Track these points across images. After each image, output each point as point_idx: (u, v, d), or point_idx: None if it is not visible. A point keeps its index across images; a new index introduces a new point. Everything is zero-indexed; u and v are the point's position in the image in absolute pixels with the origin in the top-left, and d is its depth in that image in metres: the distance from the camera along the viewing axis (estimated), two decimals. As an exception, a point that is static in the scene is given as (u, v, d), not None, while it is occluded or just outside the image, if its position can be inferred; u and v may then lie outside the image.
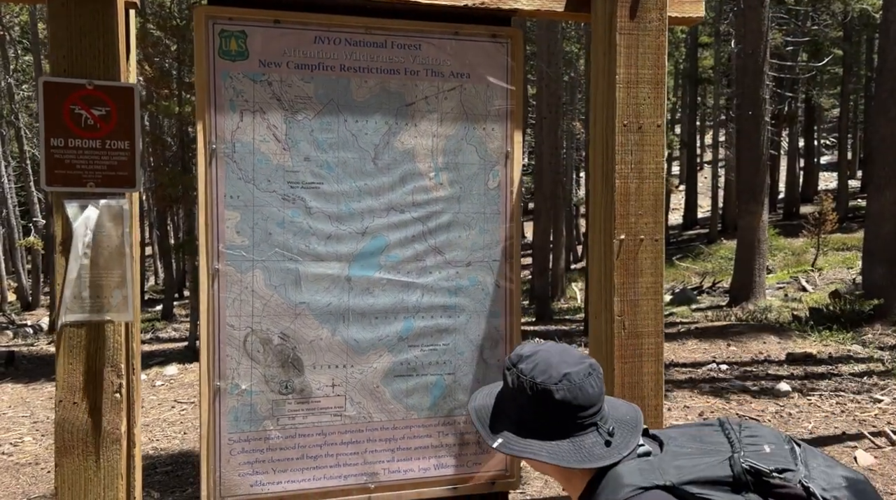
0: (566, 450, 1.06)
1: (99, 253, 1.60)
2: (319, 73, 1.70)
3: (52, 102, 1.56)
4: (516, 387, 1.09)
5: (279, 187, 1.69)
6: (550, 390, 1.05)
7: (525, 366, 1.09)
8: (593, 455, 1.06)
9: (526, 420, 1.08)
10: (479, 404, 1.17)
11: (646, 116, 1.70)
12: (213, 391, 1.66)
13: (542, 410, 1.07)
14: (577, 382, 1.06)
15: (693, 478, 1.01)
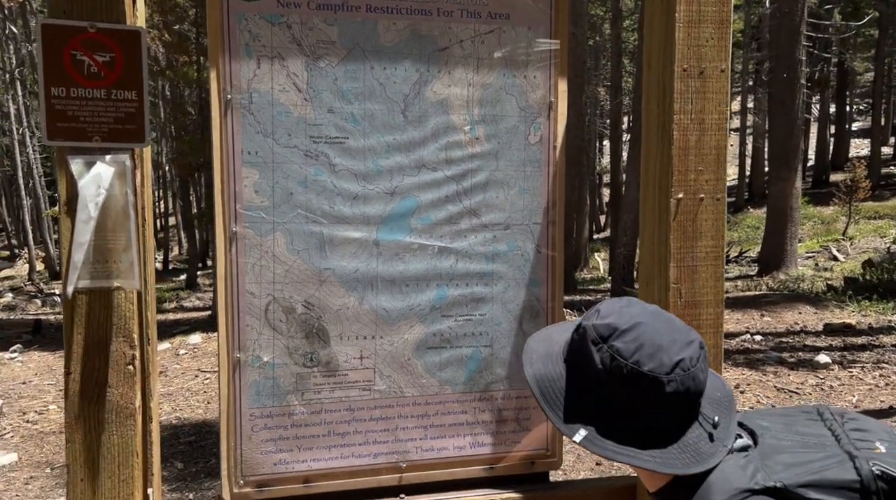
0: (666, 458, 0.87)
1: (106, 214, 1.47)
2: (343, 15, 1.53)
3: (51, 47, 1.41)
4: (609, 370, 0.87)
5: (301, 142, 1.54)
6: (661, 382, 0.85)
7: (623, 345, 0.87)
8: (700, 454, 0.87)
9: (615, 413, 0.88)
10: (541, 373, 0.94)
11: (709, 59, 1.51)
12: (232, 364, 1.54)
13: (644, 404, 0.87)
14: (691, 370, 0.86)
15: (809, 480, 0.84)
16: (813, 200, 20.07)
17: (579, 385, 0.92)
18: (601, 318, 0.91)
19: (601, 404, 0.90)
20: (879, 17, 20.50)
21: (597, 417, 0.89)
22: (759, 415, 0.98)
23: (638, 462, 0.87)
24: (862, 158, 22.21)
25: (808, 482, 0.84)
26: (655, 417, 0.88)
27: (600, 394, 0.89)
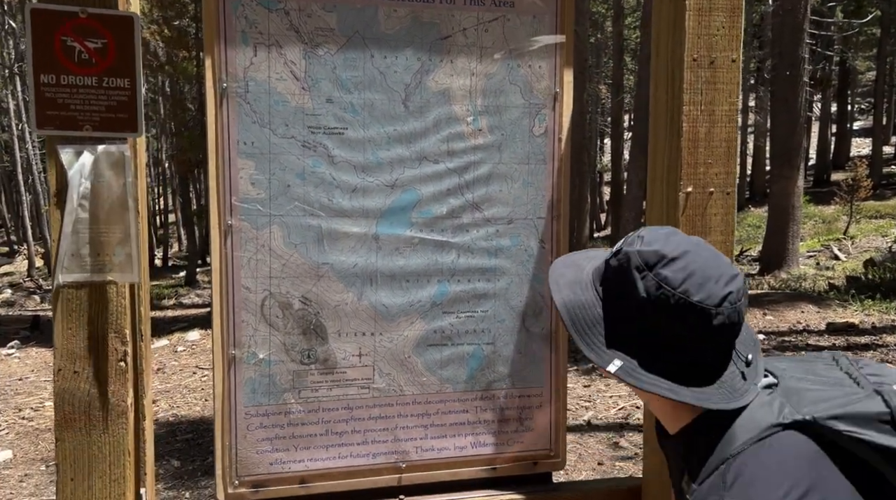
0: (707, 395, 0.84)
1: (99, 206, 1.42)
2: (343, 1, 1.49)
3: (40, 33, 1.37)
4: (654, 299, 0.82)
5: (298, 133, 1.49)
6: (710, 313, 0.81)
7: (671, 273, 0.82)
8: (735, 391, 0.84)
9: (657, 344, 0.84)
10: (572, 300, 0.89)
11: (719, 48, 1.47)
12: (227, 361, 1.50)
13: (690, 335, 0.82)
14: (737, 304, 0.82)
15: (837, 413, 0.81)
16: (814, 199, 20.02)
17: (617, 314, 0.86)
18: (646, 244, 0.85)
19: (640, 334, 0.84)
20: (881, 15, 20.44)
21: (634, 348, 0.84)
22: (776, 360, 0.95)
23: (675, 396, 0.83)
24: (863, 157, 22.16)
25: (837, 415, 0.81)
26: (698, 351, 0.83)
27: (641, 324, 0.84)
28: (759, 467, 0.80)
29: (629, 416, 4.12)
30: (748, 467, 0.80)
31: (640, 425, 3.95)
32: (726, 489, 0.79)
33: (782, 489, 0.77)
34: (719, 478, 0.81)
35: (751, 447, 0.82)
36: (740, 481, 0.79)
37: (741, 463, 0.81)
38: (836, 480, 0.79)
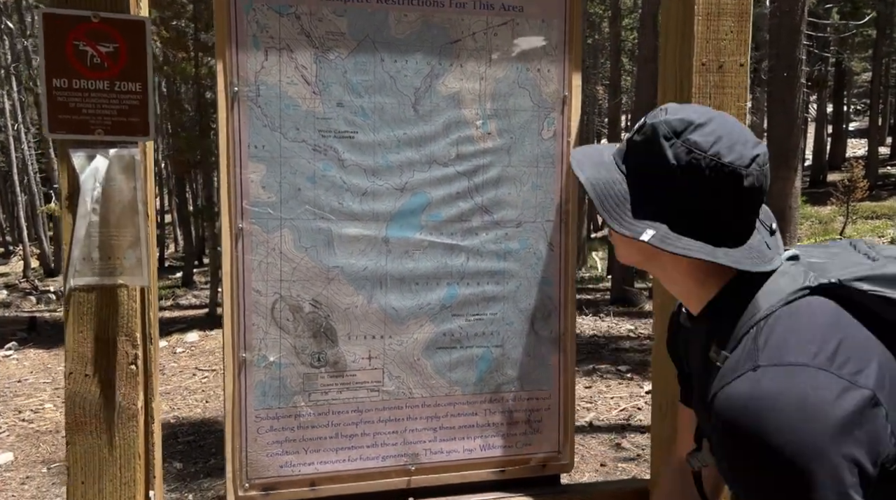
0: (737, 256, 0.85)
1: (110, 209, 1.43)
2: (353, 5, 1.49)
3: (53, 37, 1.37)
4: (685, 165, 0.83)
5: (309, 137, 1.50)
6: (741, 174, 0.82)
7: (701, 138, 0.83)
8: (763, 256, 0.86)
9: (687, 210, 0.84)
10: (596, 177, 0.89)
11: (728, 53, 1.48)
12: (238, 364, 1.50)
13: (721, 199, 0.84)
14: (764, 167, 0.84)
15: (864, 275, 0.83)
16: (810, 199, 20.09)
17: (646, 185, 0.87)
18: (671, 114, 0.87)
19: (670, 203, 0.85)
20: (878, 17, 20.53)
21: (663, 217, 0.85)
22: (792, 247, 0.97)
23: (709, 257, 0.84)
24: (859, 158, 22.25)
25: (863, 277, 0.82)
26: (728, 214, 0.85)
27: (671, 193, 0.85)
28: (790, 327, 0.81)
29: (630, 417, 4.13)
30: (779, 328, 0.81)
31: (642, 426, 3.97)
32: (760, 351, 0.80)
33: (814, 347, 0.78)
34: (751, 341, 0.82)
35: (780, 309, 0.83)
36: (772, 341, 0.80)
37: (772, 325, 0.82)
38: (865, 338, 0.80)
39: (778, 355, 0.79)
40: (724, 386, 0.80)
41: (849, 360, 0.77)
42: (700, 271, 0.90)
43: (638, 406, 4.30)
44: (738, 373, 0.80)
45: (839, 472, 0.72)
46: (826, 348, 0.77)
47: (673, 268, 0.93)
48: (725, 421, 0.78)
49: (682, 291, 0.95)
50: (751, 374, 0.78)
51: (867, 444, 0.74)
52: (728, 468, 0.81)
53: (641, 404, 4.38)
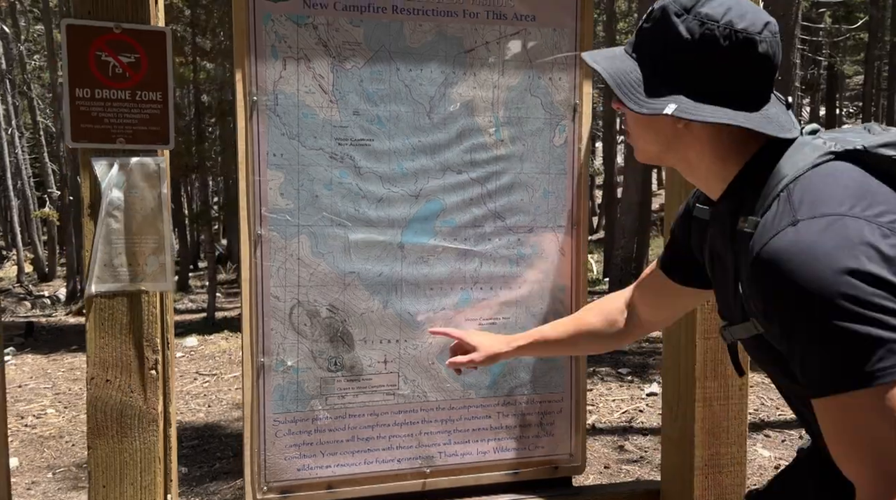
0: (760, 121, 0.86)
1: (131, 217, 1.45)
2: (369, 16, 1.52)
3: (76, 47, 1.39)
4: (699, 37, 0.85)
5: (326, 145, 1.52)
6: (755, 40, 0.84)
7: (711, 10, 0.85)
8: (783, 125, 0.86)
9: (706, 81, 0.86)
10: (612, 67, 0.91)
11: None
12: (256, 368, 1.52)
13: (738, 66, 0.85)
14: (776, 34, 0.86)
15: (886, 141, 0.84)
16: (804, 202, 20.17)
17: (660, 66, 0.88)
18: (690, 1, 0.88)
19: (687, 77, 0.86)
20: (870, 20, 20.70)
21: (682, 91, 0.86)
22: None
23: (735, 121, 0.85)
24: (852, 160, 22.33)
25: (887, 142, 0.84)
26: (747, 81, 0.86)
27: (687, 67, 0.86)
28: (822, 186, 0.81)
29: (632, 419, 4.16)
30: (812, 187, 0.82)
31: (644, 428, 4.00)
32: (795, 208, 0.80)
33: (849, 201, 0.78)
34: (784, 203, 0.82)
35: (808, 171, 0.83)
36: (807, 198, 0.81)
37: (804, 185, 0.82)
38: (894, 197, 0.81)
39: (815, 208, 0.79)
40: (765, 244, 0.80)
41: (884, 212, 0.78)
42: (722, 148, 0.91)
43: (639, 409, 4.34)
44: (777, 230, 0.80)
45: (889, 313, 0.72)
46: (861, 203, 0.78)
47: (694, 151, 0.93)
48: (773, 276, 0.78)
49: (704, 175, 0.95)
50: (791, 228, 0.78)
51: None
52: (780, 326, 0.79)
53: (643, 406, 4.41)
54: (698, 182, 0.98)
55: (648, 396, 4.61)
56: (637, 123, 0.96)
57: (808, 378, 0.78)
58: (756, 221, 0.84)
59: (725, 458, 1.60)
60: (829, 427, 0.78)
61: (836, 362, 0.75)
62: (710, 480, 1.60)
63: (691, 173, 0.97)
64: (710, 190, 0.96)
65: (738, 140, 0.90)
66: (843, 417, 0.76)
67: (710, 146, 0.91)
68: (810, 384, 0.78)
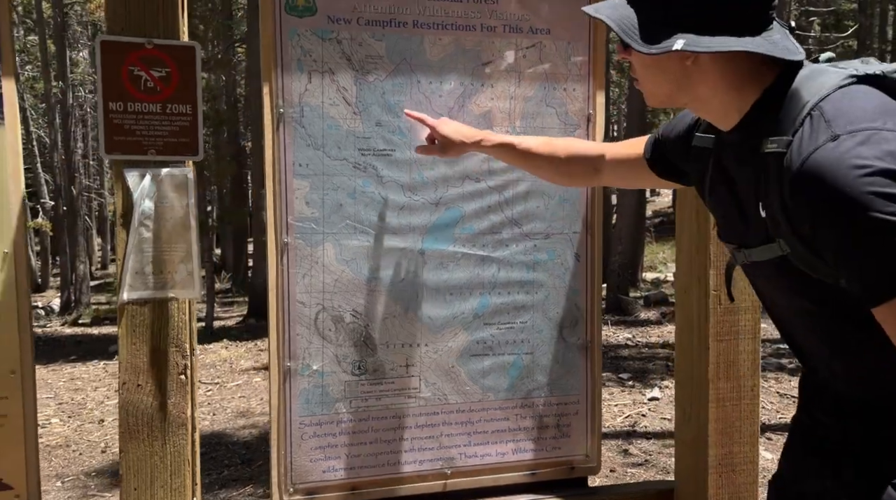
0: (766, 45, 0.88)
1: (161, 226, 1.49)
2: (391, 31, 1.57)
3: (109, 63, 1.44)
4: None
5: (350, 155, 1.57)
6: None
7: None
8: (790, 49, 0.89)
9: (709, 14, 0.88)
10: (615, 14, 0.94)
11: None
12: (283, 372, 1.56)
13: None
14: None
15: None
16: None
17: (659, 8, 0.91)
18: None
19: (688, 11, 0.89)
20: (859, 28, 20.94)
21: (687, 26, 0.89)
22: None
23: (743, 47, 0.87)
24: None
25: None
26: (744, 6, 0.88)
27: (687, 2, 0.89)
28: (852, 104, 0.83)
29: (635, 424, 4.21)
30: (844, 105, 0.83)
31: (647, 432, 4.04)
32: (831, 125, 0.81)
33: (882, 118, 0.81)
34: (819, 120, 0.83)
35: (835, 92, 0.85)
36: (842, 115, 0.82)
37: (834, 103, 0.84)
38: None
39: (852, 124, 0.80)
40: (806, 159, 0.81)
41: None
42: (736, 78, 0.92)
43: (642, 413, 4.39)
44: (816, 145, 0.81)
45: None
46: (892, 119, 0.80)
47: (705, 86, 0.94)
48: (820, 188, 0.79)
49: (718, 108, 0.96)
50: (831, 143, 0.80)
51: None
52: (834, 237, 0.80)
53: (645, 410, 4.46)
54: (711, 116, 0.99)
55: (650, 400, 4.66)
56: (646, 67, 0.98)
57: (867, 285, 0.79)
58: (787, 139, 0.85)
59: (739, 457, 1.65)
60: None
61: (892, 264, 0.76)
62: (724, 479, 1.65)
63: (704, 109, 0.99)
64: (724, 122, 0.97)
65: (749, 68, 0.91)
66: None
67: (721, 78, 0.93)
68: (870, 291, 0.79)
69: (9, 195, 1.51)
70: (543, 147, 1.39)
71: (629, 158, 1.30)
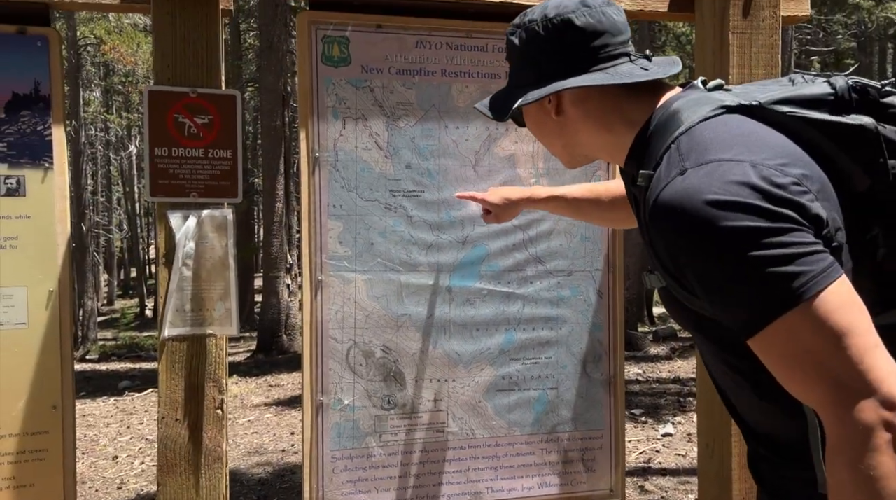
0: (597, 77, 0.92)
1: (201, 265, 1.55)
2: (421, 79, 1.65)
3: (156, 111, 1.52)
4: (526, 39, 0.96)
5: (381, 196, 1.64)
6: (569, 18, 0.93)
7: (532, 15, 0.97)
8: (632, 75, 0.92)
9: (545, 69, 0.95)
10: (485, 100, 1.06)
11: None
12: (315, 407, 1.61)
13: (563, 44, 0.94)
14: (597, 6, 0.94)
15: (783, 97, 0.85)
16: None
17: (514, 73, 1.01)
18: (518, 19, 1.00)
19: (531, 74, 0.97)
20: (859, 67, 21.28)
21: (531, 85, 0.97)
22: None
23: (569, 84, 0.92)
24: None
25: (782, 99, 0.85)
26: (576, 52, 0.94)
27: (528, 67, 0.98)
28: (711, 135, 0.81)
29: (650, 460, 4.19)
30: (699, 137, 0.82)
31: (663, 469, 4.02)
32: (684, 158, 0.81)
33: (738, 148, 0.78)
34: (674, 154, 0.83)
35: (697, 124, 0.84)
36: (696, 147, 0.81)
37: (692, 136, 0.83)
38: (785, 143, 0.82)
39: (701, 156, 0.79)
40: (657, 196, 0.81)
41: (772, 156, 0.78)
42: (602, 118, 0.96)
43: (656, 449, 4.37)
44: (667, 181, 0.80)
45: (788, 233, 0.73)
46: (747, 149, 0.78)
47: (583, 134, 0.99)
48: (668, 226, 0.79)
49: (606, 148, 1.00)
50: (679, 178, 0.79)
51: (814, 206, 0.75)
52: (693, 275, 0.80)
53: (659, 447, 4.44)
54: (608, 158, 1.04)
55: (664, 436, 4.64)
56: (537, 133, 1.07)
57: (736, 320, 0.78)
58: (649, 174, 0.86)
59: (762, 490, 1.67)
60: (774, 360, 0.77)
61: (755, 294, 0.75)
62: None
63: (599, 153, 1.04)
64: (619, 160, 0.99)
65: (612, 107, 0.95)
66: (783, 343, 0.75)
67: (590, 121, 0.97)
68: (740, 326, 0.78)
69: (56, 236, 1.58)
70: (588, 194, 1.43)
71: None
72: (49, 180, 1.57)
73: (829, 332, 0.73)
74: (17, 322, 1.55)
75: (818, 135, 0.84)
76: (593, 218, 1.49)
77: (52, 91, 1.57)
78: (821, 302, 0.73)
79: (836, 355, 0.73)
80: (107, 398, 6.80)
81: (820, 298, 0.73)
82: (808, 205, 0.75)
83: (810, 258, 0.73)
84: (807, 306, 0.73)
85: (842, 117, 0.84)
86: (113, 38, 15.48)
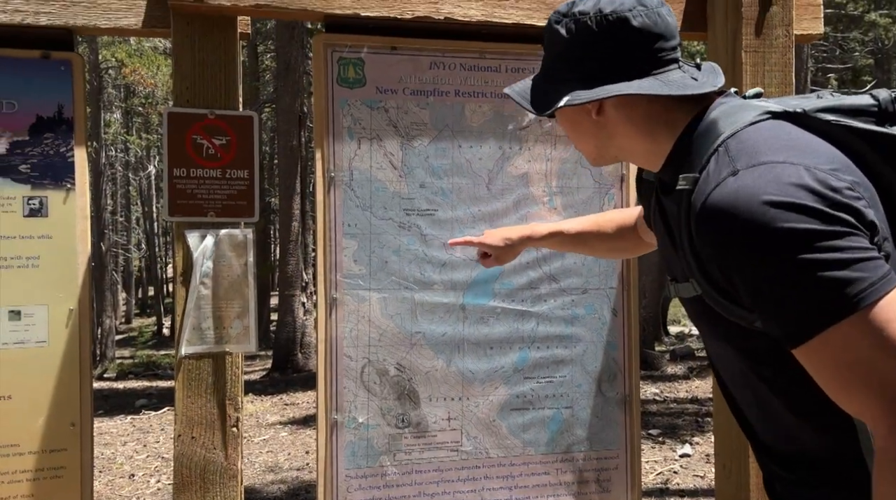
0: (651, 85, 0.89)
1: (219, 283, 1.57)
2: (435, 100, 1.67)
3: (175, 132, 1.55)
4: (575, 31, 0.91)
5: (395, 215, 1.65)
6: (626, 17, 0.89)
7: (583, 7, 0.91)
8: (686, 86, 0.89)
9: (592, 67, 0.91)
10: (518, 88, 1.00)
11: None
12: (330, 425, 1.61)
13: (616, 44, 0.90)
14: (654, 6, 0.90)
15: (827, 106, 0.85)
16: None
17: (554, 73, 0.95)
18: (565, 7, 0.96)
19: (577, 71, 0.92)
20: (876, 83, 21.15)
21: (577, 83, 0.92)
22: None
23: (619, 92, 0.88)
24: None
25: (826, 107, 0.85)
26: (628, 54, 0.90)
27: (575, 62, 0.92)
28: (760, 139, 0.81)
29: (668, 481, 4.14)
30: (749, 140, 0.81)
31: (680, 489, 3.97)
32: (734, 160, 0.80)
33: (787, 151, 0.78)
34: (723, 156, 0.82)
35: (745, 128, 0.83)
36: (745, 150, 0.80)
37: (741, 139, 0.82)
38: (833, 151, 0.81)
39: (753, 158, 0.78)
40: (707, 196, 0.79)
41: (823, 162, 0.77)
42: (644, 123, 0.93)
43: (674, 470, 4.31)
44: (717, 181, 0.79)
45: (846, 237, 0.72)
46: (798, 153, 0.78)
47: (621, 136, 0.96)
48: (720, 227, 0.77)
49: (641, 153, 0.98)
50: (731, 178, 0.78)
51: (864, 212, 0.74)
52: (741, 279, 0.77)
53: (677, 467, 4.38)
54: (640, 161, 1.01)
55: (682, 457, 4.58)
56: (570, 130, 1.03)
57: (785, 327, 0.76)
58: (695, 177, 0.84)
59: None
60: (825, 370, 0.75)
61: (809, 299, 0.73)
62: (768, 534, 1.64)
63: (632, 157, 1.02)
64: (653, 165, 0.98)
65: (657, 112, 0.92)
66: (837, 353, 0.73)
67: (630, 125, 0.94)
68: (789, 333, 0.75)
69: (77, 256, 1.61)
70: (590, 226, 1.40)
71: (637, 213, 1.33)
72: (71, 201, 1.60)
73: (889, 342, 0.71)
74: (38, 341, 1.58)
75: (862, 145, 0.84)
76: (597, 250, 1.46)
77: (74, 114, 1.61)
78: (880, 311, 0.71)
79: (894, 367, 0.71)
80: (124, 416, 6.84)
81: (879, 306, 0.71)
82: (863, 210, 0.74)
83: (868, 264, 0.72)
84: (864, 314, 0.71)
85: (886, 128, 0.84)
86: (134, 61, 15.79)
